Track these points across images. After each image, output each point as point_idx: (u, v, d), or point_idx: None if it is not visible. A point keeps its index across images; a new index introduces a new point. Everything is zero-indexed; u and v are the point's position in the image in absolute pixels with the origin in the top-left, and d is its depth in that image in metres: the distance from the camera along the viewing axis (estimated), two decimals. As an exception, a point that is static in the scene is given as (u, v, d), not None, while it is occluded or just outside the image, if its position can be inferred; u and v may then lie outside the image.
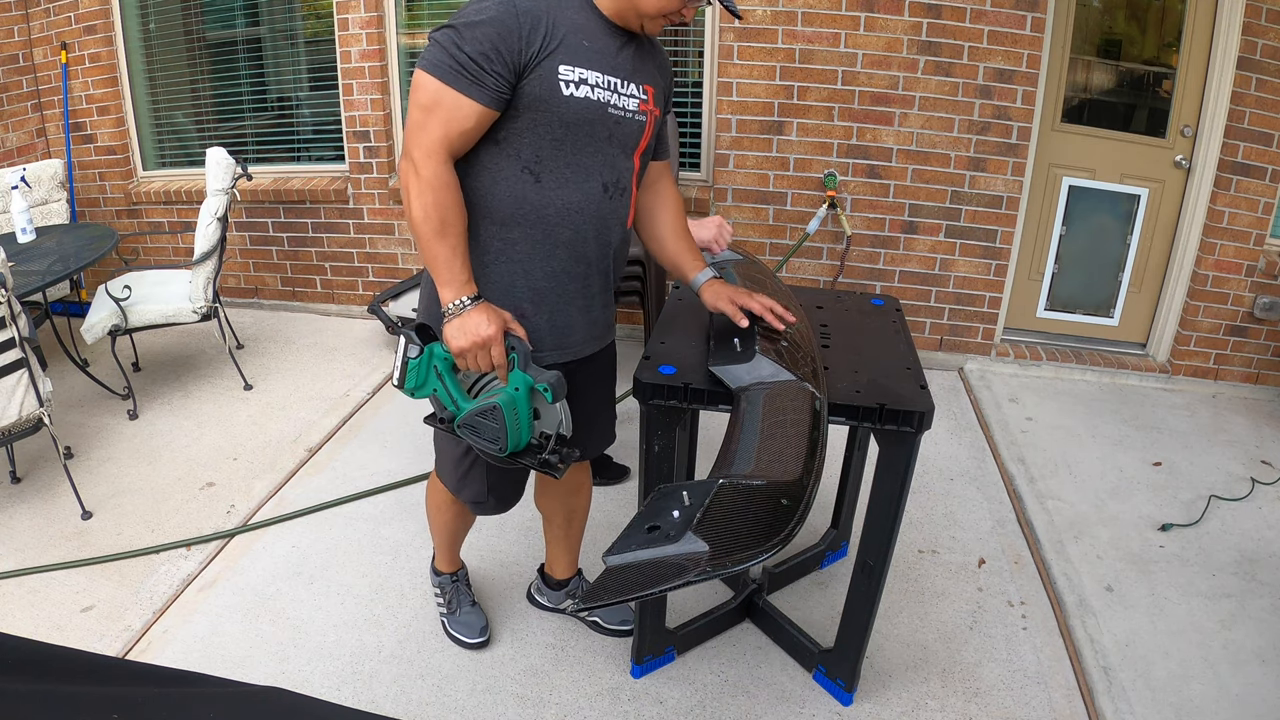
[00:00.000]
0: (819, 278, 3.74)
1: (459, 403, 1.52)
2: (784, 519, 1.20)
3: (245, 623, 2.20)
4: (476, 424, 1.49)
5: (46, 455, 2.91)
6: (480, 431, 1.49)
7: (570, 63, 1.43)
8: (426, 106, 1.41)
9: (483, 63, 1.37)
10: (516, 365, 1.47)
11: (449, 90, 1.39)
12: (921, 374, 1.71)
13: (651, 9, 1.46)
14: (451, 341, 1.46)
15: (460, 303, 1.45)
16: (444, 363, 1.52)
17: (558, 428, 1.49)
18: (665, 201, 1.77)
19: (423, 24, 3.84)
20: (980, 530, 2.62)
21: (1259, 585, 2.40)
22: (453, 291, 1.45)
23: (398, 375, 1.54)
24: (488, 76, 1.38)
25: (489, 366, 1.47)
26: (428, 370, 1.53)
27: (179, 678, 0.68)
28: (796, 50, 3.39)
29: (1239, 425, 3.32)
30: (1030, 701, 1.98)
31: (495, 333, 1.44)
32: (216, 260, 3.30)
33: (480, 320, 1.44)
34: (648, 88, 1.55)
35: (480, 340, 1.44)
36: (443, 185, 1.42)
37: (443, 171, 1.42)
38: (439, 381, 1.53)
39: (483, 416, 1.47)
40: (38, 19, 4.02)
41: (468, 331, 1.44)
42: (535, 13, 1.40)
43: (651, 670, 2.05)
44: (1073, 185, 3.61)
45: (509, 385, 1.48)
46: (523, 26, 1.38)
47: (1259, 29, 3.12)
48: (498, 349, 1.46)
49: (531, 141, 1.46)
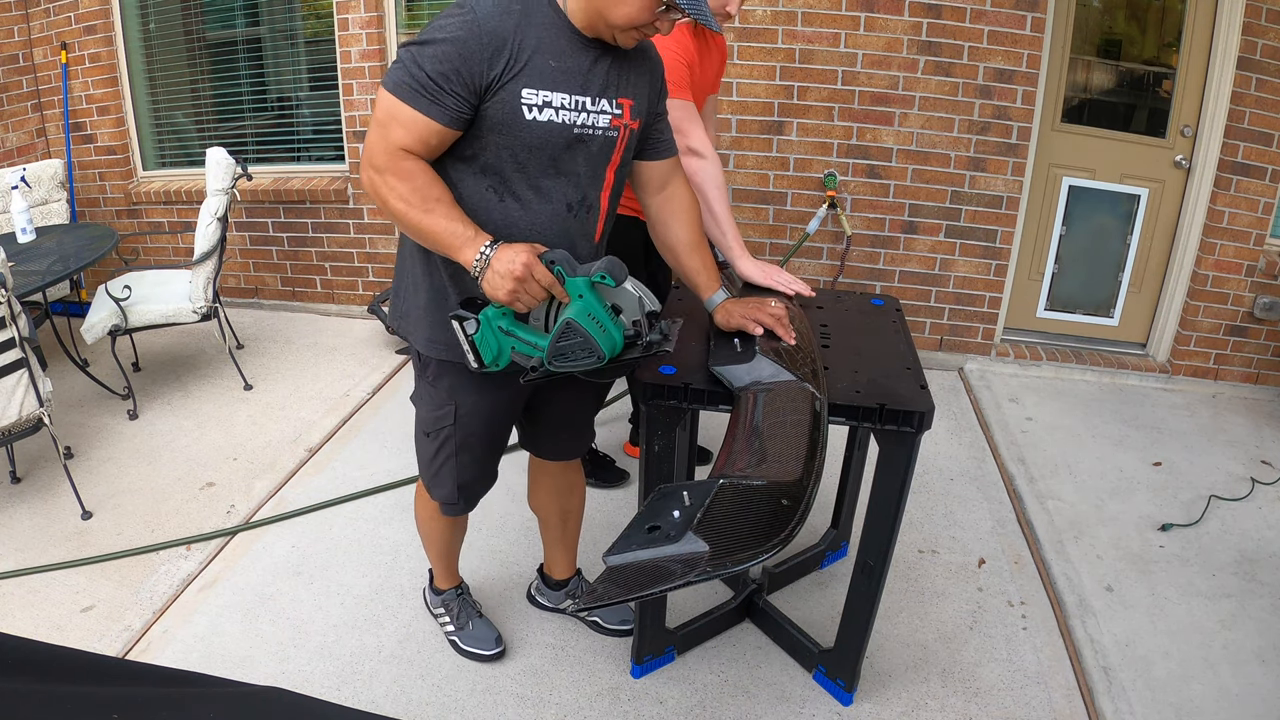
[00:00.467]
0: (819, 278, 3.74)
1: (540, 344, 1.45)
2: (784, 519, 1.20)
3: (245, 623, 2.20)
4: (564, 349, 1.41)
5: (46, 455, 2.91)
6: (572, 355, 1.41)
7: (534, 85, 1.39)
8: (383, 122, 1.39)
9: (441, 82, 1.34)
10: (565, 276, 1.40)
11: (406, 108, 1.36)
12: (922, 374, 1.71)
13: (621, 20, 1.38)
14: (496, 293, 1.38)
15: (482, 255, 1.38)
16: (505, 319, 1.45)
17: (641, 308, 1.42)
18: (677, 210, 1.71)
19: (422, 24, 3.83)
20: (980, 530, 2.62)
21: (1259, 585, 2.40)
22: (470, 249, 1.39)
23: (472, 358, 1.47)
24: (447, 96, 1.35)
25: (543, 294, 1.40)
26: (495, 335, 1.45)
27: (179, 678, 0.68)
28: (796, 50, 3.39)
29: (1239, 425, 3.32)
30: (1030, 701, 1.98)
31: (529, 258, 1.37)
32: (216, 260, 3.30)
33: (507, 257, 1.36)
34: (623, 101, 1.50)
35: (519, 274, 1.36)
36: (410, 171, 1.39)
37: (406, 161, 1.39)
38: (511, 338, 1.46)
39: (564, 340, 1.40)
40: (38, 19, 4.03)
41: (503, 274, 1.36)
42: (501, 33, 1.35)
43: (651, 670, 2.05)
44: (1073, 185, 3.61)
45: (572, 295, 1.41)
46: (485, 48, 1.34)
47: (1259, 29, 3.12)
48: (540, 270, 1.38)
49: (494, 161, 1.44)
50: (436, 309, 1.58)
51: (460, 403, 1.67)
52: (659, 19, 1.40)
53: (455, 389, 1.66)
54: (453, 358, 1.58)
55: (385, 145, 1.39)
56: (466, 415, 1.68)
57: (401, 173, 1.39)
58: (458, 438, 1.71)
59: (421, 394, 1.72)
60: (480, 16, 1.35)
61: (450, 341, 1.56)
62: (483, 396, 1.67)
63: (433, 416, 1.71)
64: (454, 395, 1.66)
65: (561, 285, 1.40)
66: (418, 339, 1.63)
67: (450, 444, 1.72)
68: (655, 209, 1.72)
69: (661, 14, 1.39)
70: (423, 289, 1.59)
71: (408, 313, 1.65)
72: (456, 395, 1.66)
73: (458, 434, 1.71)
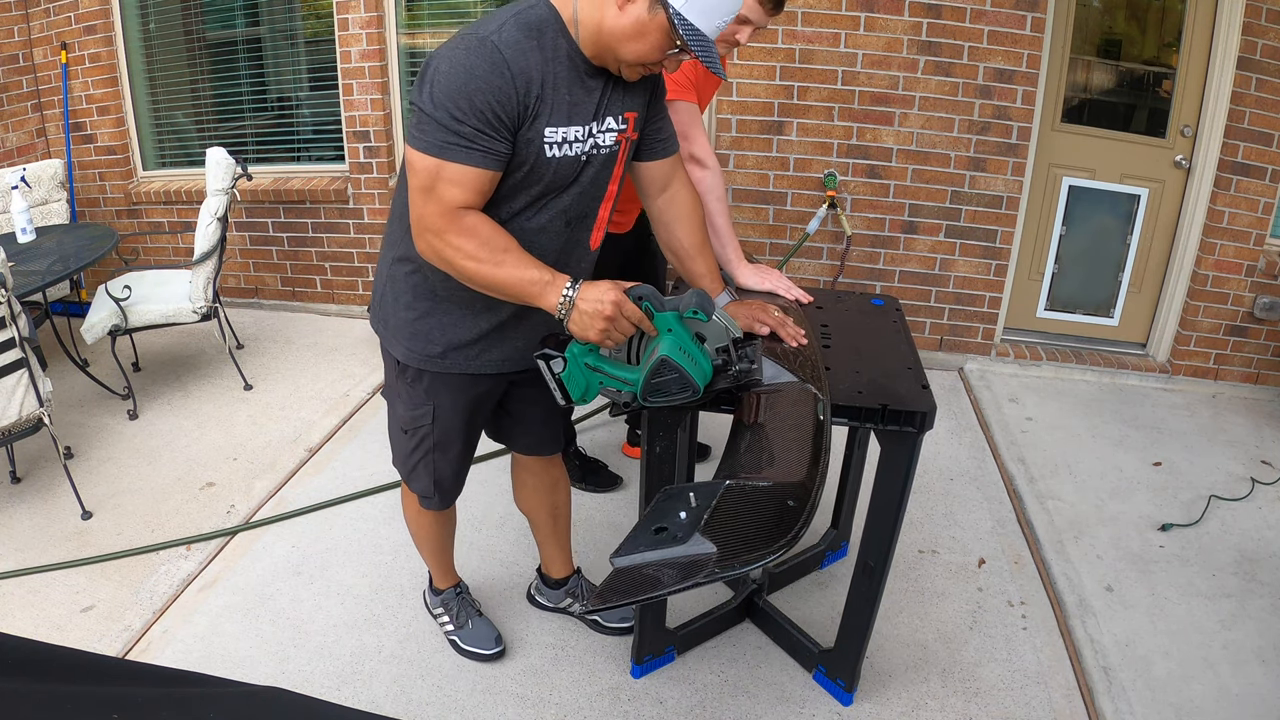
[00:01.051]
0: (819, 278, 3.74)
1: (628, 378, 1.44)
2: (791, 520, 1.20)
3: (245, 623, 2.20)
4: (659, 385, 1.39)
5: (46, 455, 2.91)
6: (667, 390, 1.40)
7: (556, 123, 1.38)
8: (428, 187, 1.35)
9: (484, 128, 1.32)
10: (654, 311, 1.39)
11: (452, 166, 1.33)
12: (923, 374, 1.71)
13: (631, 58, 1.37)
14: (586, 333, 1.37)
15: (565, 297, 1.37)
16: (591, 355, 1.44)
17: (726, 335, 1.41)
18: (680, 214, 1.70)
19: (423, 24, 3.84)
20: (980, 530, 2.62)
21: (1259, 585, 2.40)
22: (551, 294, 1.37)
23: (559, 395, 1.47)
24: (494, 141, 1.33)
25: (632, 330, 1.39)
26: (582, 372, 1.45)
27: (179, 678, 0.68)
28: (796, 50, 3.39)
29: (1239, 425, 3.32)
30: (1030, 701, 1.98)
31: (617, 296, 1.35)
32: (216, 260, 3.30)
33: (595, 296, 1.35)
34: (629, 115, 1.50)
35: (609, 313, 1.35)
36: (472, 227, 1.36)
37: (466, 217, 1.36)
38: (599, 374, 1.45)
39: (659, 377, 1.38)
40: (38, 19, 4.02)
41: (592, 314, 1.35)
42: (528, 71, 1.33)
43: (651, 670, 2.05)
44: (1073, 185, 3.61)
45: (661, 330, 1.40)
46: (518, 90, 1.32)
47: (1259, 29, 3.12)
48: (629, 308, 1.37)
49: (506, 193, 1.43)
50: (420, 322, 1.59)
51: (439, 404, 1.68)
52: (666, 59, 1.40)
53: (434, 390, 1.67)
54: (430, 367, 1.61)
55: (440, 208, 1.35)
56: (445, 414, 1.70)
57: (464, 230, 1.36)
58: (435, 436, 1.72)
59: (399, 393, 1.72)
60: (507, 56, 1.31)
61: (429, 353, 1.59)
62: (461, 396, 1.68)
63: (410, 415, 1.72)
64: (432, 396, 1.67)
65: (650, 320, 1.39)
66: (396, 348, 1.64)
67: (428, 442, 1.73)
68: (659, 211, 1.71)
69: (669, 56, 1.39)
70: (405, 306, 1.60)
71: (386, 319, 1.66)
72: (435, 396, 1.67)
73: (435, 433, 1.72)
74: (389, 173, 3.93)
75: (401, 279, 1.60)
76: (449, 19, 3.81)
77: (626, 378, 1.44)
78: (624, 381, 1.44)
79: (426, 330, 1.60)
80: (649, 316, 1.39)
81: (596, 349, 1.44)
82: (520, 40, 1.33)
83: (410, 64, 3.86)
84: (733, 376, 1.43)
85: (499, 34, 1.32)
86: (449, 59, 1.32)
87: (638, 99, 1.53)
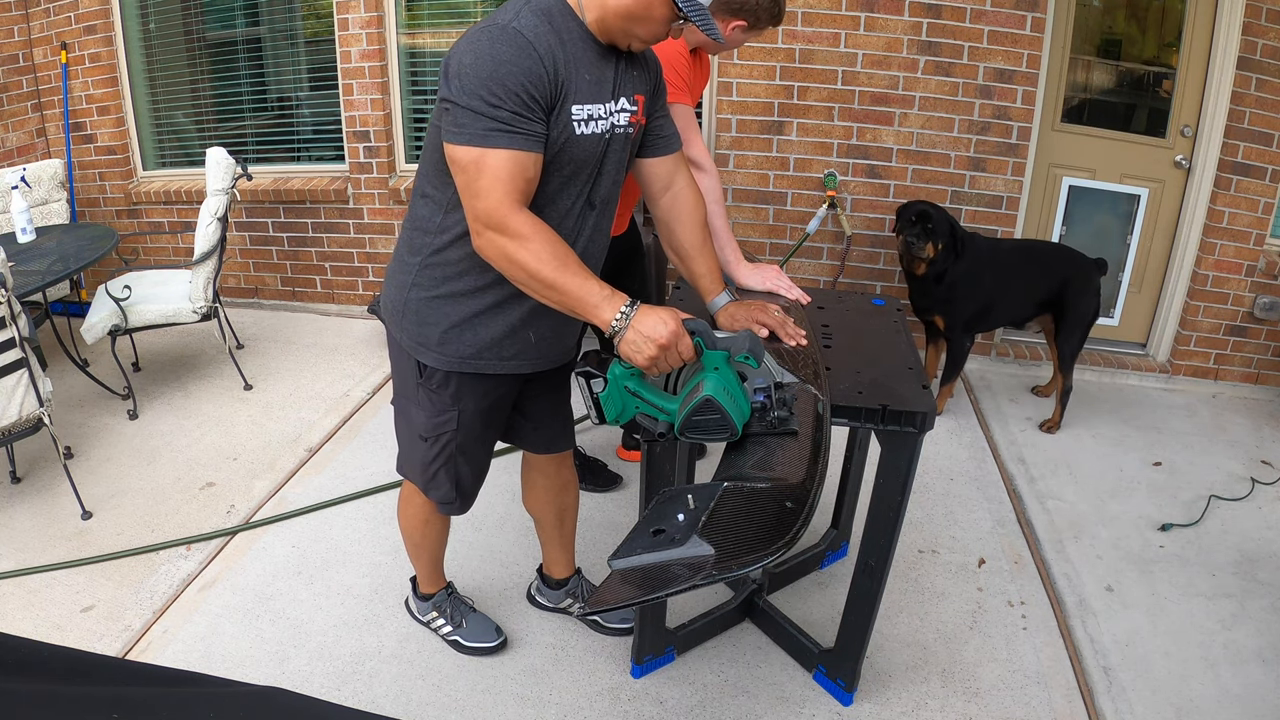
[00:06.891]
0: (819, 278, 3.74)
1: (667, 408, 1.41)
2: (789, 521, 1.20)
3: (245, 623, 2.20)
4: (699, 424, 1.35)
5: (46, 455, 2.91)
6: (705, 428, 1.36)
7: (581, 101, 1.41)
8: (475, 179, 1.34)
9: (524, 111, 1.33)
10: (704, 348, 1.36)
11: (499, 153, 1.33)
12: (923, 374, 1.71)
13: (648, 36, 1.44)
14: (635, 356, 1.35)
15: (623, 315, 1.35)
16: (633, 380, 1.42)
17: (770, 381, 1.39)
18: (683, 214, 1.70)
19: (423, 24, 3.84)
20: (980, 530, 2.62)
21: (1259, 585, 2.40)
22: (608, 309, 1.35)
23: (594, 415, 1.45)
24: (532, 124, 1.35)
25: (680, 363, 1.36)
26: (621, 395, 1.43)
27: (179, 678, 0.68)
28: (796, 50, 3.39)
29: (1239, 425, 3.32)
30: (1030, 701, 1.98)
31: (677, 326, 1.33)
32: (216, 260, 3.30)
33: (653, 322, 1.33)
34: (638, 97, 1.54)
35: (664, 342, 1.33)
36: (535, 229, 1.35)
37: (527, 218, 1.36)
38: (637, 399, 1.42)
39: (701, 415, 1.34)
40: (38, 19, 4.03)
41: (648, 338, 1.33)
42: (553, 53, 1.36)
43: (651, 670, 2.05)
44: (1073, 185, 3.61)
45: (707, 367, 1.37)
46: (547, 70, 1.34)
47: (1259, 29, 3.12)
48: (684, 342, 1.34)
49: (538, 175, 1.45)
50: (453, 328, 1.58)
51: (464, 408, 1.67)
52: (672, 28, 1.46)
53: (460, 395, 1.65)
54: (463, 369, 1.61)
55: (495, 201, 1.34)
56: (469, 418, 1.69)
57: (526, 230, 1.35)
58: (458, 441, 1.71)
59: (420, 400, 1.69)
60: (531, 39, 1.34)
61: (461, 354, 1.58)
62: (485, 399, 1.68)
63: (433, 423, 1.69)
64: (458, 401, 1.66)
65: (699, 355, 1.37)
66: (425, 355, 1.61)
67: (450, 447, 1.72)
68: (663, 210, 1.72)
69: (674, 28, 1.45)
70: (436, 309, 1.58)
71: (409, 327, 1.62)
72: (461, 401, 1.66)
73: (459, 438, 1.71)
74: (389, 173, 3.93)
75: (428, 284, 1.57)
76: (449, 19, 3.81)
77: (665, 407, 1.41)
78: (662, 410, 1.41)
79: (459, 332, 1.59)
80: (698, 352, 1.37)
81: (639, 374, 1.42)
82: (538, 24, 1.36)
83: (410, 64, 3.86)
84: (769, 423, 1.40)
85: (518, 20, 1.35)
86: (473, 50, 1.33)
87: (644, 84, 1.57)
